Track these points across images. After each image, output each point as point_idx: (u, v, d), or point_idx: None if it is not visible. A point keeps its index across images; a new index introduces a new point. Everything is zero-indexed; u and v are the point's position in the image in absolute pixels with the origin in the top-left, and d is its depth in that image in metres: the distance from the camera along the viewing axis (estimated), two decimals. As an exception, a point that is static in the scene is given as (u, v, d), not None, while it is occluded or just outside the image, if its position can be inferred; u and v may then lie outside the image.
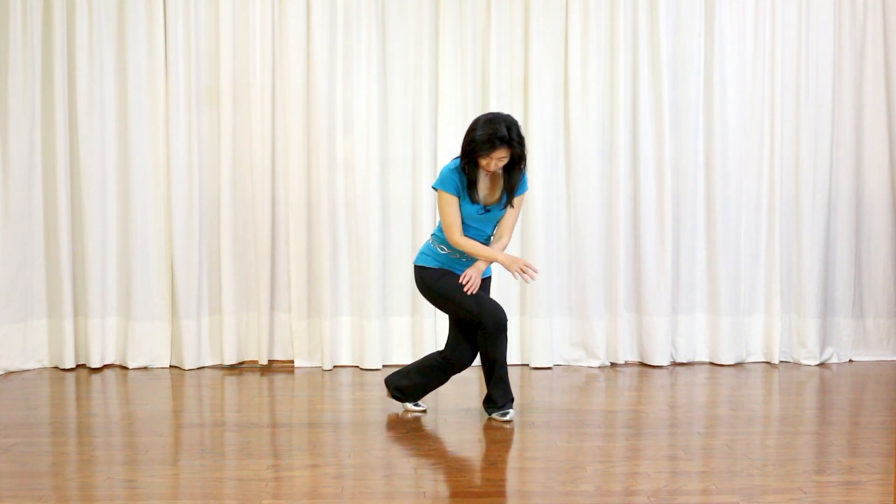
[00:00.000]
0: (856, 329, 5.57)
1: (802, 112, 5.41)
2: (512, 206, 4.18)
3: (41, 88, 5.24)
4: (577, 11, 5.32)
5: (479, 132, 4.01)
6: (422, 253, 4.29)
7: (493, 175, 4.16)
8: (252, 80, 5.28)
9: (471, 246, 4.14)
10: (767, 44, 5.40)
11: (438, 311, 5.40)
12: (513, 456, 3.74)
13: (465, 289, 4.11)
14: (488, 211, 4.16)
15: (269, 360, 5.43)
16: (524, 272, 4.09)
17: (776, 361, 5.45)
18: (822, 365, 5.45)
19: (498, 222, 4.24)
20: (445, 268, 4.22)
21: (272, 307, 5.40)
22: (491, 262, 4.21)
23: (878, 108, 5.46)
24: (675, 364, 5.46)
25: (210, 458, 3.71)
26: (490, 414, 4.26)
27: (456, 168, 4.12)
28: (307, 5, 5.30)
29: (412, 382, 4.38)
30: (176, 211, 5.28)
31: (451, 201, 4.13)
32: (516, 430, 4.10)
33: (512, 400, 4.27)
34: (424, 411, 4.37)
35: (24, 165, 5.23)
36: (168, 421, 4.27)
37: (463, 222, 4.16)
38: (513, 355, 5.23)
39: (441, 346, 5.42)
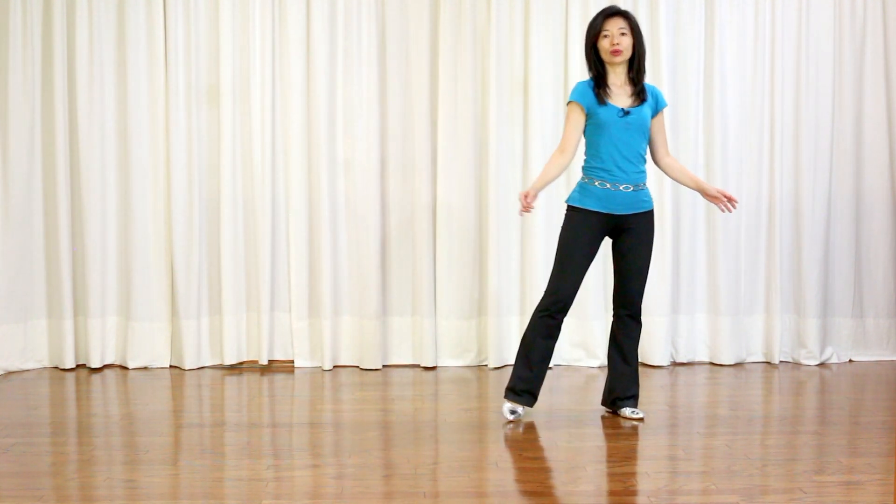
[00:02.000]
0: (856, 329, 5.57)
1: (802, 112, 5.41)
2: (650, 111, 4.09)
3: (41, 88, 5.25)
4: (577, 11, 5.32)
5: (593, 17, 4.07)
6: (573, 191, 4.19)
7: (624, 82, 4.09)
8: (252, 80, 5.29)
9: (546, 166, 4.11)
10: (767, 44, 5.40)
11: (439, 311, 5.41)
12: (513, 456, 3.74)
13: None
14: (628, 114, 4.03)
15: (269, 360, 5.43)
16: (524, 207, 4.07)
17: (776, 361, 5.45)
18: (822, 365, 5.45)
19: (650, 139, 4.15)
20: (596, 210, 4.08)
21: (272, 307, 5.40)
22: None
23: (878, 108, 5.46)
24: (675, 364, 5.46)
25: (210, 458, 3.71)
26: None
27: (587, 81, 4.09)
28: (307, 5, 5.30)
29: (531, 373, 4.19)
30: (176, 211, 5.28)
31: (573, 112, 4.07)
32: (516, 430, 4.10)
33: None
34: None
35: (24, 165, 5.23)
36: (168, 421, 4.27)
37: (609, 136, 4.03)
38: (512, 355, 5.23)
39: (441, 348, 5.43)
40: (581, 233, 4.08)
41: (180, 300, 5.32)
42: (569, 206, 4.15)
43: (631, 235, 4.15)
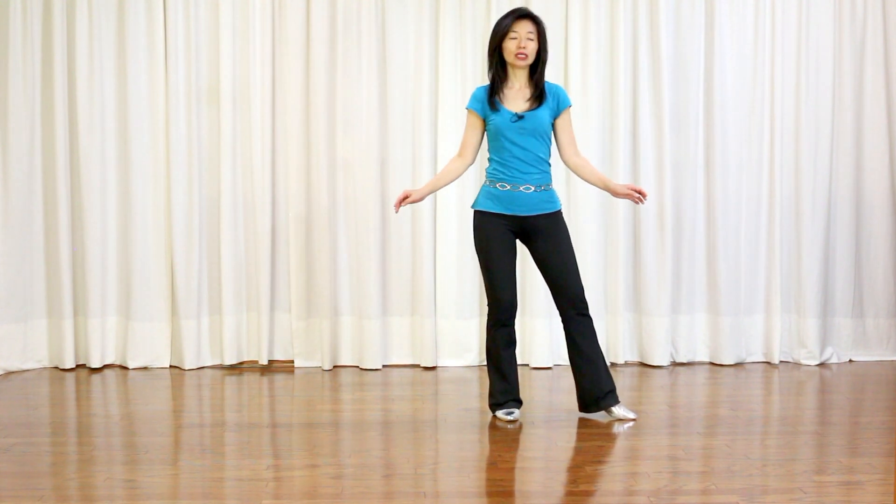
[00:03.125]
0: (856, 329, 5.57)
1: (802, 112, 5.41)
2: (549, 113, 4.09)
3: (41, 88, 5.24)
4: (577, 11, 5.32)
5: (502, 17, 4.08)
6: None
7: (524, 85, 4.09)
8: (252, 80, 5.28)
9: (442, 170, 4.21)
10: (767, 44, 5.40)
11: (439, 311, 5.41)
12: (513, 456, 3.74)
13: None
14: (522, 118, 4.03)
15: (269, 360, 5.43)
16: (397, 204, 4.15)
17: (776, 361, 5.45)
18: (822, 365, 5.45)
19: (556, 140, 4.15)
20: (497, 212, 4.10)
21: (272, 307, 5.40)
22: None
23: (878, 108, 5.46)
24: (675, 364, 5.46)
25: (210, 458, 3.71)
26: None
27: (484, 87, 4.12)
28: (307, 5, 5.30)
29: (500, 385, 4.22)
30: (176, 211, 5.28)
31: (469, 119, 4.13)
32: (516, 430, 4.10)
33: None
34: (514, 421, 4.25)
35: (24, 165, 5.23)
36: (168, 421, 4.27)
37: (504, 140, 4.04)
38: (513, 355, 5.23)
39: (441, 347, 5.43)
40: (492, 236, 4.10)
41: (180, 300, 5.31)
42: (475, 210, 4.16)
43: (542, 238, 4.13)
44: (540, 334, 5.34)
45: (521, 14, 4.07)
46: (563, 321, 4.20)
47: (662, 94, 5.32)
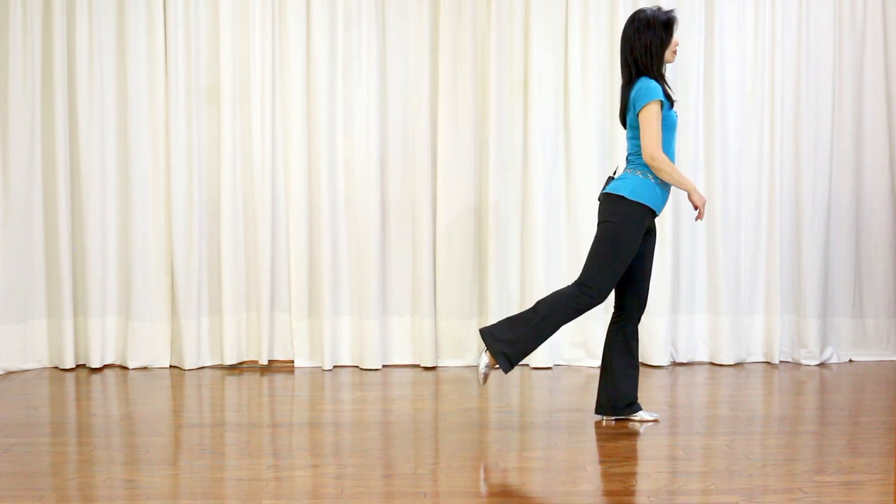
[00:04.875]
0: (856, 329, 5.57)
1: (802, 112, 5.41)
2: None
3: (41, 88, 5.24)
4: (577, 11, 5.32)
5: (660, 20, 3.98)
6: (636, 186, 3.95)
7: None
8: (252, 80, 5.29)
9: (673, 168, 3.91)
10: (767, 44, 5.40)
11: (439, 311, 5.41)
12: (513, 456, 3.74)
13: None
14: (677, 116, 4.04)
15: (269, 360, 5.43)
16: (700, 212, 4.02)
17: (776, 361, 5.45)
18: (822, 365, 5.45)
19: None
20: (656, 210, 3.97)
21: (272, 307, 5.40)
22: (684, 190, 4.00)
23: (878, 108, 5.46)
24: (675, 364, 5.46)
25: (210, 458, 3.71)
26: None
27: (648, 79, 3.98)
28: (307, 5, 5.30)
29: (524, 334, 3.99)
30: (176, 211, 5.28)
31: (659, 111, 3.93)
32: (516, 430, 4.10)
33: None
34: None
35: (24, 165, 5.23)
36: (168, 421, 4.27)
37: (669, 138, 3.97)
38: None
39: (441, 348, 5.43)
40: (639, 234, 3.97)
41: (180, 300, 5.31)
42: (634, 201, 3.94)
43: (653, 236, 4.15)
44: (540, 334, 5.33)
45: (675, 16, 4.04)
46: (621, 320, 4.14)
47: (662, 94, 5.32)
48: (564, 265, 5.41)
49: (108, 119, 5.29)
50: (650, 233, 4.11)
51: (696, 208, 4.04)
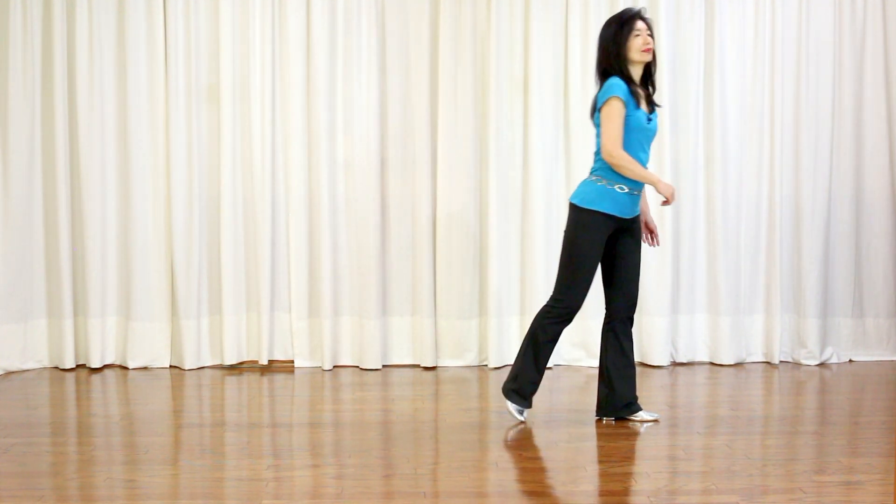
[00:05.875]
0: (856, 329, 5.57)
1: (802, 112, 5.41)
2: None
3: (41, 88, 5.24)
4: (577, 11, 5.32)
5: (617, 19, 3.98)
6: (587, 192, 4.00)
7: (638, 86, 4.01)
8: (252, 80, 5.29)
9: (632, 163, 3.89)
10: (767, 44, 5.40)
11: (439, 311, 5.41)
12: (513, 456, 3.74)
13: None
14: (650, 120, 3.99)
15: (269, 360, 5.43)
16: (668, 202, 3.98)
17: (776, 361, 5.45)
18: (822, 365, 5.45)
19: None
20: (616, 216, 3.99)
21: (272, 307, 5.40)
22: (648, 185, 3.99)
23: (878, 108, 5.46)
24: (675, 364, 5.46)
25: (210, 458, 3.71)
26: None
27: (616, 77, 3.95)
28: (307, 5, 5.30)
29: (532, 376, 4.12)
30: (176, 211, 5.28)
31: (620, 108, 3.88)
32: (516, 430, 4.10)
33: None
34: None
35: (24, 165, 5.23)
36: (168, 421, 4.27)
37: (634, 140, 3.95)
38: (512, 355, 5.22)
39: (441, 347, 5.43)
40: (598, 240, 4.01)
41: (180, 300, 5.31)
42: (585, 209, 4.00)
43: (626, 238, 4.12)
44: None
45: (638, 14, 4.01)
46: (611, 322, 4.16)
47: (662, 94, 5.31)
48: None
49: (108, 119, 5.29)
50: (627, 233, 4.10)
51: (665, 198, 4.02)
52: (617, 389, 4.15)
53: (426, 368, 5.36)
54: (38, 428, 4.14)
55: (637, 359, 5.45)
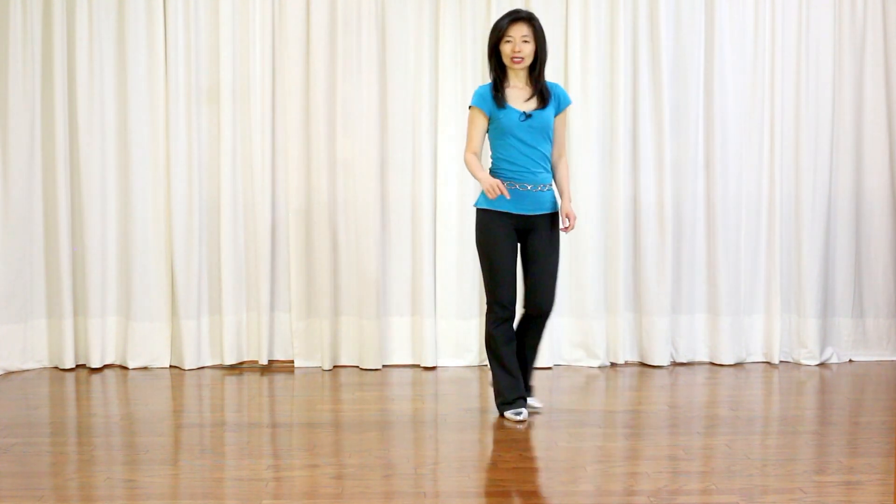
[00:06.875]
0: (856, 329, 5.57)
1: (802, 112, 5.41)
2: (553, 112, 4.14)
3: (41, 88, 5.24)
4: (577, 11, 5.32)
5: (496, 23, 4.14)
6: (481, 193, 4.19)
7: (525, 84, 4.14)
8: (252, 80, 5.29)
9: (471, 165, 4.11)
10: (767, 44, 5.40)
11: (438, 311, 5.41)
12: (513, 456, 3.74)
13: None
14: (530, 117, 4.09)
15: (269, 360, 5.43)
16: (501, 191, 4.00)
17: (776, 361, 5.45)
18: (822, 365, 5.45)
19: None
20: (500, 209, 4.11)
21: (272, 307, 5.40)
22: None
23: (878, 108, 5.46)
24: (675, 364, 5.46)
25: (210, 458, 3.71)
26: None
27: (487, 85, 4.15)
28: (307, 5, 5.30)
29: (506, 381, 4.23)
30: (176, 211, 5.28)
31: (475, 116, 4.13)
32: (516, 429, 4.10)
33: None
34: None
35: (24, 165, 5.23)
36: (168, 421, 4.27)
37: (512, 138, 4.08)
38: (513, 355, 5.23)
39: (441, 347, 5.43)
40: (498, 235, 4.13)
41: (180, 300, 5.31)
42: (478, 209, 4.19)
43: (538, 236, 4.19)
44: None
45: (516, 17, 4.11)
46: (524, 316, 4.27)
47: (662, 94, 5.32)
48: (564, 264, 5.40)
49: (108, 119, 5.29)
50: (536, 233, 4.18)
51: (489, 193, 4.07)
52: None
53: (426, 368, 5.36)
54: (38, 428, 4.14)
55: (637, 359, 5.47)
